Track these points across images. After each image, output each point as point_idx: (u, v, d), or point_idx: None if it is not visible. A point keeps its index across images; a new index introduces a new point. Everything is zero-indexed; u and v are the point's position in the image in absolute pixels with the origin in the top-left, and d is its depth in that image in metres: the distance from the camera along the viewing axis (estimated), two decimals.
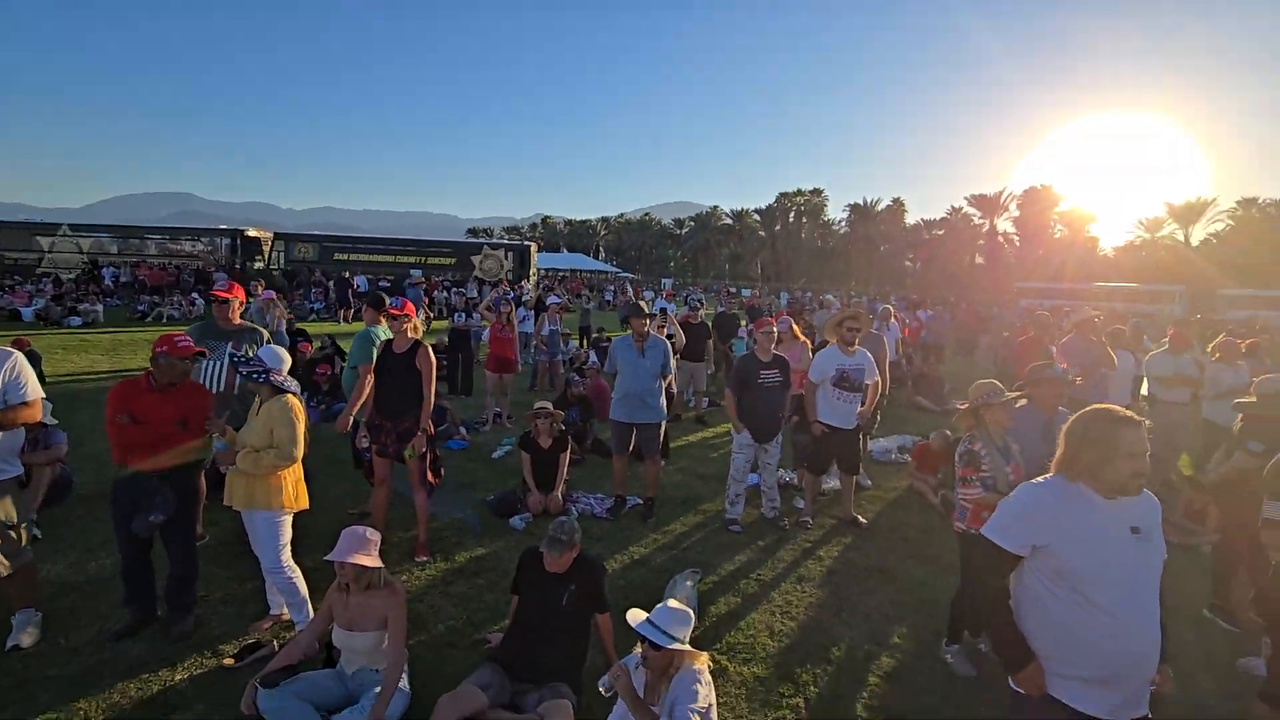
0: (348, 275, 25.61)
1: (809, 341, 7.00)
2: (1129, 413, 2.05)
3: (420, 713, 2.88)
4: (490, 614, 3.91)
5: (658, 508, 5.67)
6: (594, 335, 14.23)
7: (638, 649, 2.73)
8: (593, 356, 10.64)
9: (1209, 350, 7.79)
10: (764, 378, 5.44)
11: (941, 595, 4.16)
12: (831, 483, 6.23)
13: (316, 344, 10.12)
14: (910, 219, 68.14)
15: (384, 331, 5.13)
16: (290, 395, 3.61)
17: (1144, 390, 7.42)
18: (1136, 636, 1.97)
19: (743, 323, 11.37)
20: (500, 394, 8.57)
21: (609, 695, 2.83)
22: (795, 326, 7.03)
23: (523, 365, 10.49)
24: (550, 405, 5.90)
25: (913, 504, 6.23)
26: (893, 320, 11.59)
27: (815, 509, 5.81)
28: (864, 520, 5.64)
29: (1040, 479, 2.20)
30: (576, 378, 8.36)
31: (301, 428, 3.55)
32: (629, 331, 5.63)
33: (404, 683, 3.03)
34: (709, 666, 2.78)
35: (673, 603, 2.82)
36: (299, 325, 12.89)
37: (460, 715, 2.72)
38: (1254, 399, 4.39)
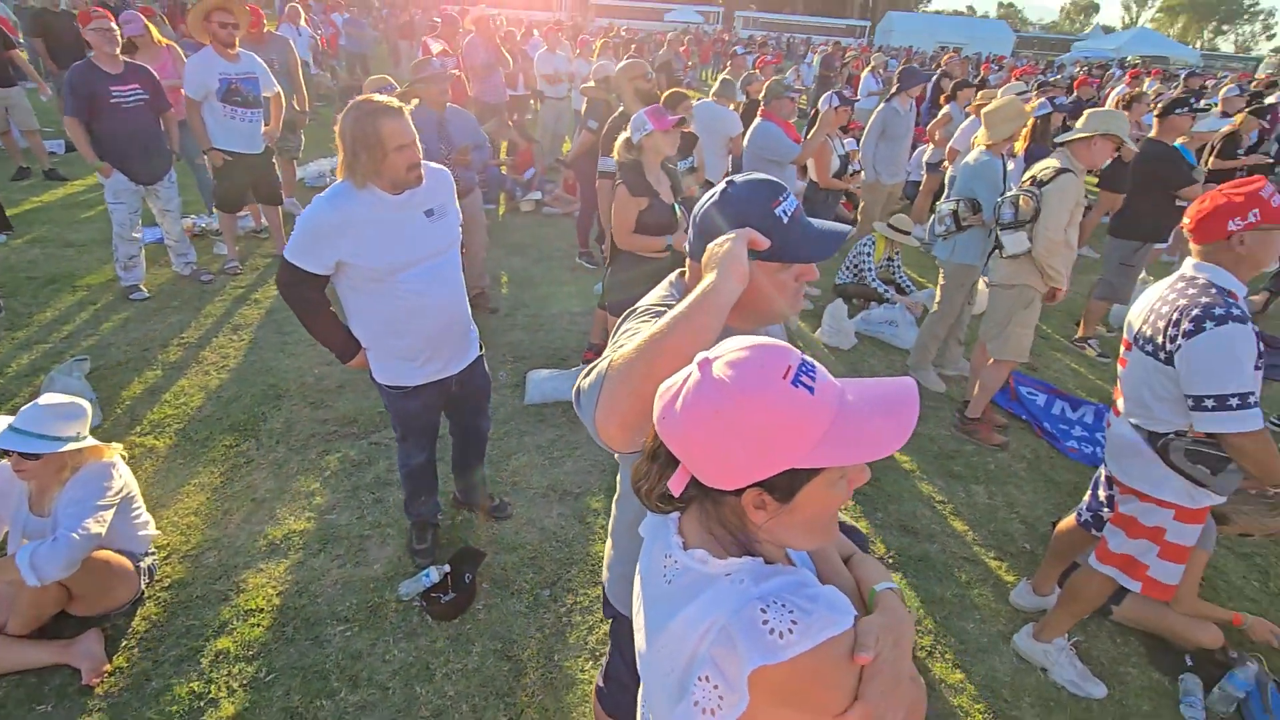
0: None
1: (176, 46, 5.43)
2: (391, 102, 1.99)
3: None
4: None
5: None
6: None
7: None
8: None
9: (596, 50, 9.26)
10: (116, 95, 4.11)
11: None
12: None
13: None
14: None
15: None
16: None
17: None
18: (446, 307, 2.30)
19: None
20: None
21: None
22: (150, 26, 5.30)
23: None
24: None
25: None
26: (302, 23, 10.00)
27: (241, 251, 5.18)
28: None
29: (327, 192, 2.06)
30: None
31: None
32: None
33: None
34: (123, 456, 2.38)
35: (47, 399, 2.20)
36: None
37: None
38: (592, 84, 5.46)
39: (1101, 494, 2.34)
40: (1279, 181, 7.29)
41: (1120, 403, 2.18)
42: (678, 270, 1.35)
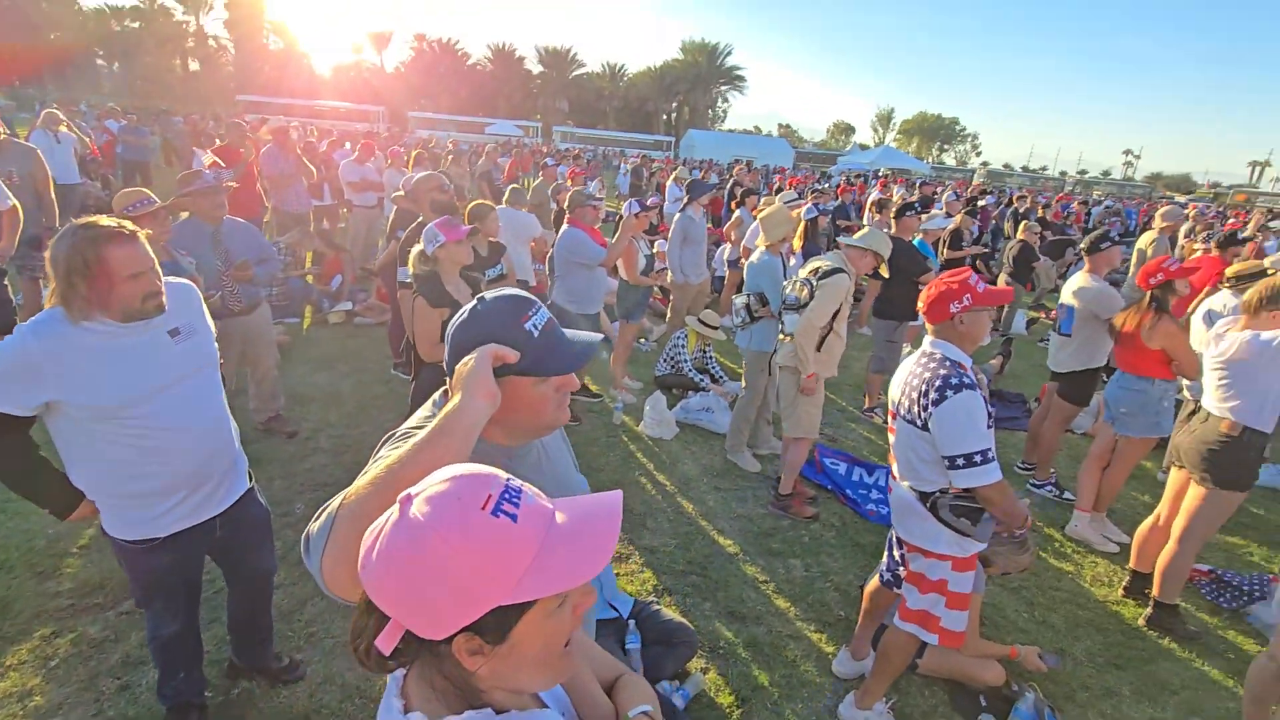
0: None
1: None
2: (119, 226, 1.78)
3: None
4: None
5: None
6: None
7: None
8: None
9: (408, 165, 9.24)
10: None
11: None
12: None
13: None
14: (90, 1, 52.44)
15: None
16: None
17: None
18: (203, 438, 2.02)
19: None
20: None
21: None
22: None
23: None
24: None
25: None
26: (62, 129, 9.00)
27: None
28: None
29: (31, 321, 1.75)
30: None
31: None
32: None
33: None
34: None
35: None
36: None
37: None
38: (401, 194, 5.42)
39: (896, 553, 2.54)
40: (999, 266, 9.06)
41: (895, 467, 2.42)
42: (442, 388, 1.30)
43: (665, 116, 60.66)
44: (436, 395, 1.31)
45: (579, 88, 60.11)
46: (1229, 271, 4.40)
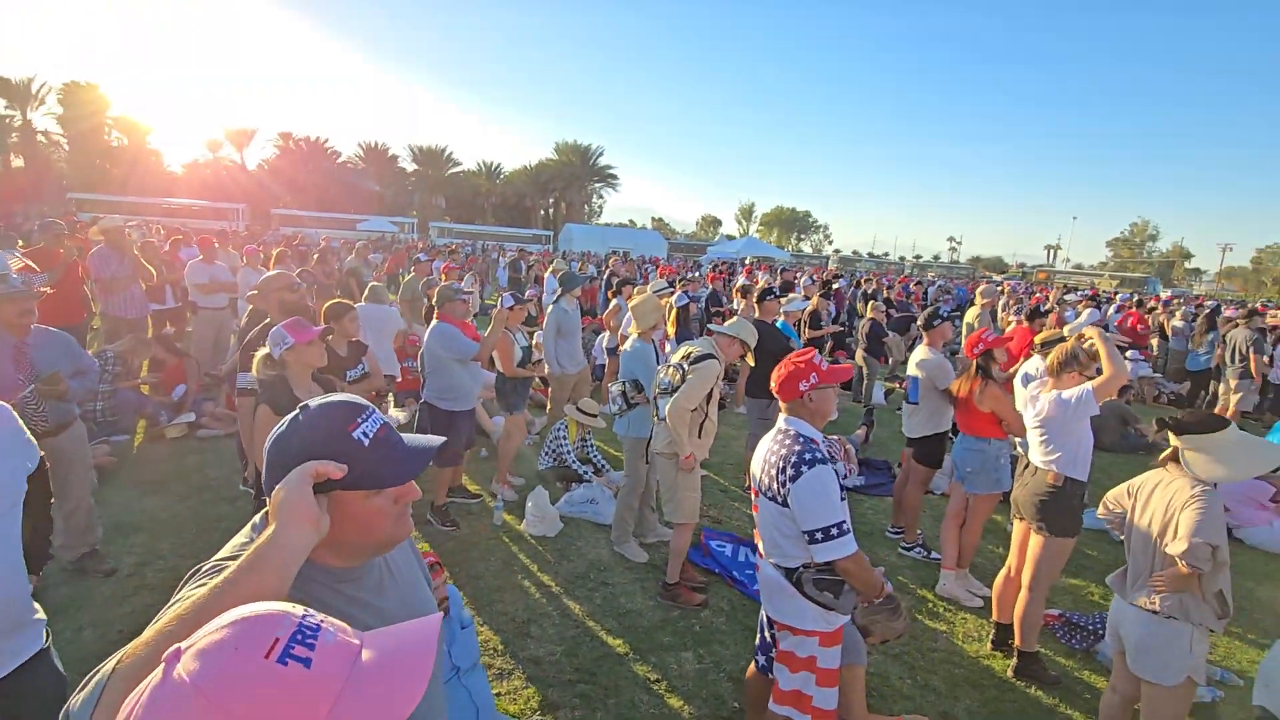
0: None
1: None
2: None
3: None
4: None
5: None
6: None
7: None
8: None
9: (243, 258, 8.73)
10: None
11: None
12: None
13: None
14: None
15: None
16: None
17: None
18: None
19: None
20: None
21: None
22: None
23: None
24: None
25: None
26: None
27: None
28: None
29: None
30: None
31: None
32: None
33: None
34: None
35: None
36: None
37: None
38: (255, 293, 5.09)
39: (767, 634, 2.52)
40: (855, 343, 9.88)
41: (761, 545, 2.44)
42: (262, 510, 1.16)
43: (543, 211, 62.54)
44: (256, 518, 1.17)
45: (456, 185, 60.83)
46: (1037, 339, 5.06)
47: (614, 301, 8.03)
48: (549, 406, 6.30)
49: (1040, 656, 3.42)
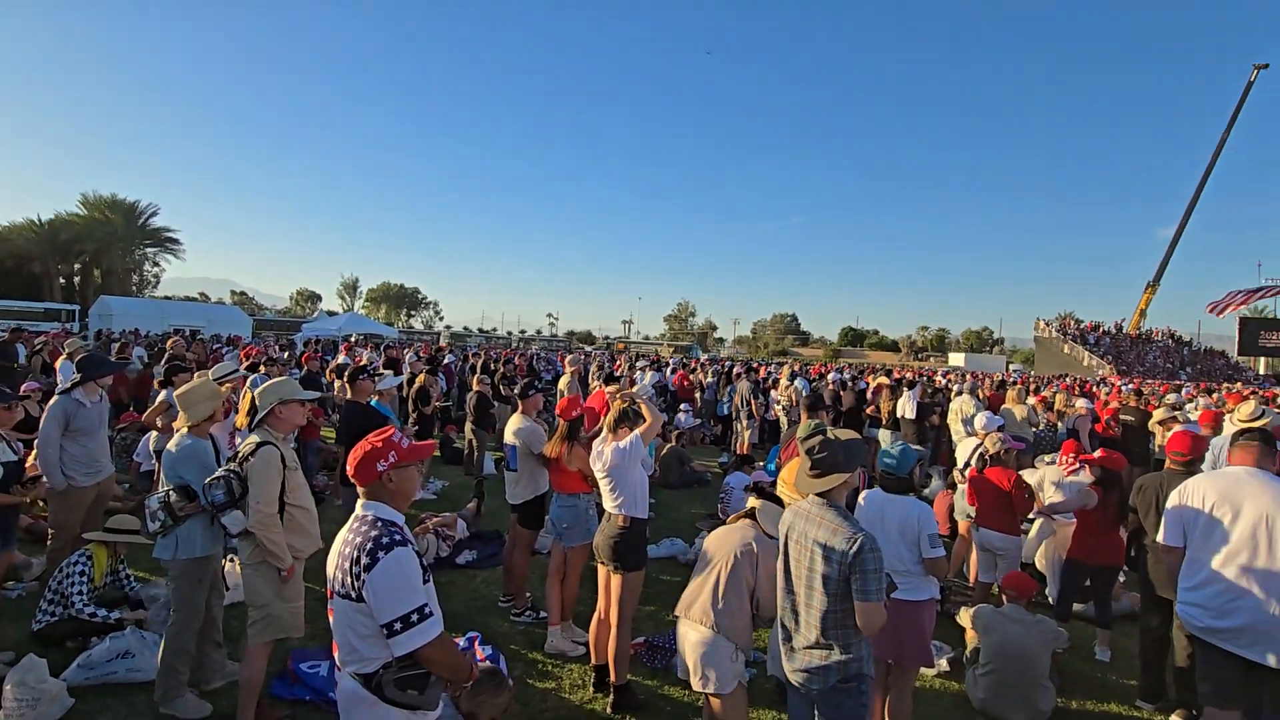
0: None
1: None
2: None
3: None
4: None
5: None
6: None
7: None
8: None
9: None
10: None
11: None
12: None
13: None
14: None
15: None
16: None
17: None
18: None
19: None
20: None
21: None
22: None
23: None
24: None
25: None
26: None
27: None
28: None
29: None
30: None
31: None
32: None
33: None
34: None
35: None
36: None
37: None
38: None
39: None
40: (465, 417, 9.99)
41: (337, 655, 2.16)
42: None
43: (64, 281, 47.87)
44: None
45: None
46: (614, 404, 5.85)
47: (162, 394, 6.47)
48: (50, 538, 4.65)
49: (631, 686, 3.81)
